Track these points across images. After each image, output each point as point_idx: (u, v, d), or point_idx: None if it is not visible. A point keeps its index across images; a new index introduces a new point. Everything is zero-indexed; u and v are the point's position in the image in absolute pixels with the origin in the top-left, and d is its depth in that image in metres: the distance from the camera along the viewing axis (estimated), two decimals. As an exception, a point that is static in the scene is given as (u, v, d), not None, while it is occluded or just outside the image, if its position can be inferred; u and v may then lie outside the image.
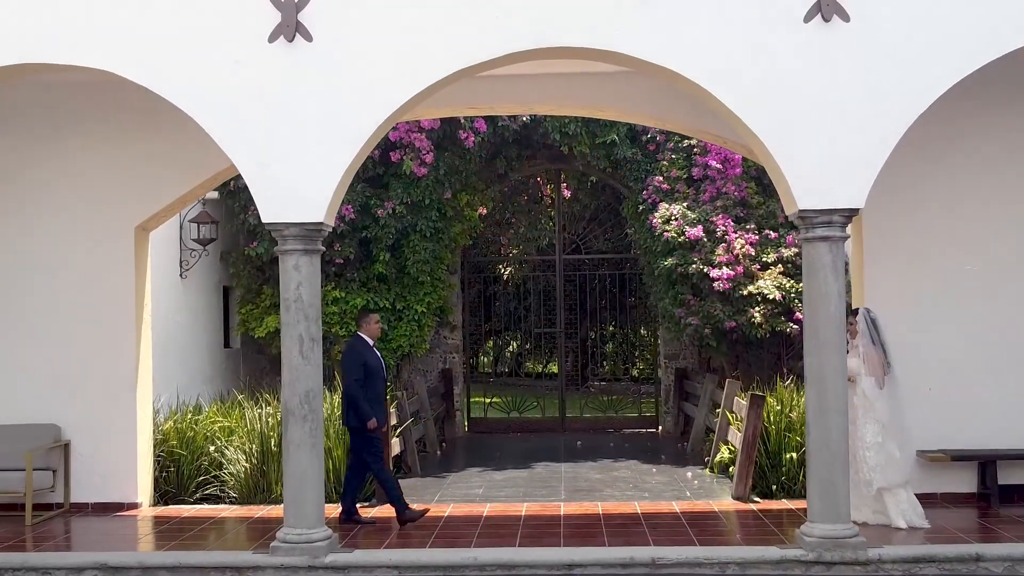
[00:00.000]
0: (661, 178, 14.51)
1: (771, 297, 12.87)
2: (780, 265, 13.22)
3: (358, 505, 9.42)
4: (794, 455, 10.08)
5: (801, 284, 8.55)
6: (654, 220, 14.09)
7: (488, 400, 18.16)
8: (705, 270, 13.34)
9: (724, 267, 13.21)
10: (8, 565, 7.94)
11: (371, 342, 9.44)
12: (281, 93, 7.92)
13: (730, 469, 10.87)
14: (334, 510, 9.26)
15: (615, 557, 7.73)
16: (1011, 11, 7.70)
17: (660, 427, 16.69)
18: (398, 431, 11.53)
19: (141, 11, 7.93)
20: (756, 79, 7.82)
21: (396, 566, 7.74)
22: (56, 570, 7.89)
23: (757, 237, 13.46)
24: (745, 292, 13.08)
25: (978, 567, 7.55)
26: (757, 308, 13.08)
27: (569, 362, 19.86)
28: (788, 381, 11.23)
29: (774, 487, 10.14)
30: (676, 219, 13.81)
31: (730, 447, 11.33)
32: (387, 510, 9.43)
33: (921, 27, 7.72)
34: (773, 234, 13.49)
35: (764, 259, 13.38)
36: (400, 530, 8.86)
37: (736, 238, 13.37)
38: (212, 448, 10.66)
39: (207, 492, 10.49)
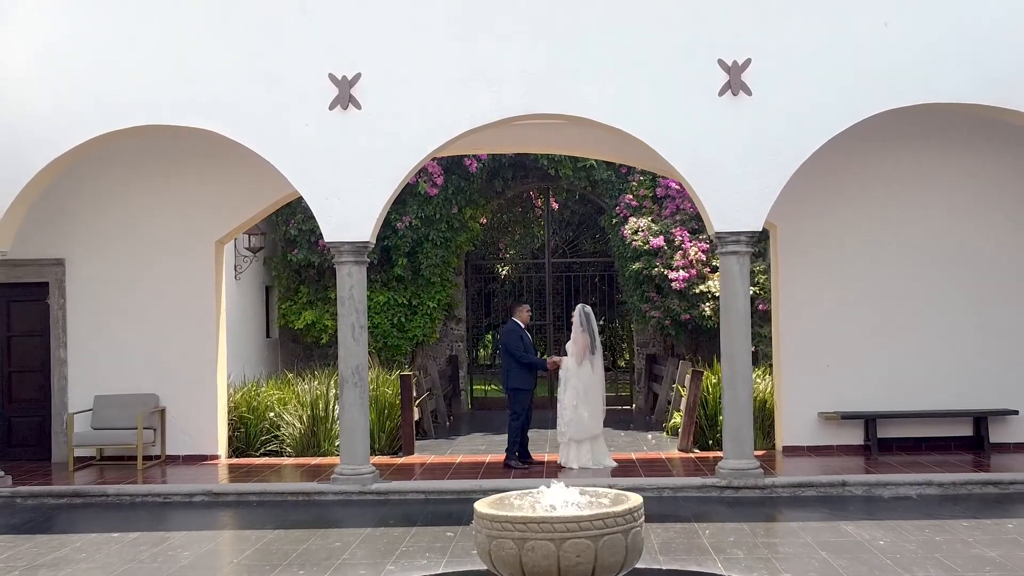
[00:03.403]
0: (631, 196, 17.34)
1: (718, 295, 15.60)
2: (727, 268, 16.05)
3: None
4: (727, 417, 12.87)
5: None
6: (625, 231, 16.92)
7: (486, 388, 20.67)
8: (665, 272, 16.22)
9: (681, 270, 16.09)
10: (137, 493, 10.78)
11: (523, 325, 12.01)
12: (338, 146, 10.70)
13: (679, 430, 13.70)
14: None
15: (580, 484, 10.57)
16: (863, 91, 10.48)
17: (634, 404, 19.39)
18: (417, 402, 14.34)
19: (237, 89, 10.74)
20: (683, 136, 10.58)
21: (423, 491, 10.59)
22: (173, 495, 10.72)
23: (708, 246, 16.31)
24: (698, 290, 15.95)
25: (844, 489, 10.38)
26: (707, 303, 15.97)
27: (560, 354, 22.39)
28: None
29: (711, 442, 12.82)
30: (643, 230, 16.66)
31: (680, 413, 14.17)
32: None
33: (801, 101, 10.49)
34: (722, 243, 16.29)
35: (713, 263, 16.23)
36: (424, 468, 11.73)
37: (691, 246, 16.24)
38: (272, 414, 13.28)
39: (269, 448, 13.12)
